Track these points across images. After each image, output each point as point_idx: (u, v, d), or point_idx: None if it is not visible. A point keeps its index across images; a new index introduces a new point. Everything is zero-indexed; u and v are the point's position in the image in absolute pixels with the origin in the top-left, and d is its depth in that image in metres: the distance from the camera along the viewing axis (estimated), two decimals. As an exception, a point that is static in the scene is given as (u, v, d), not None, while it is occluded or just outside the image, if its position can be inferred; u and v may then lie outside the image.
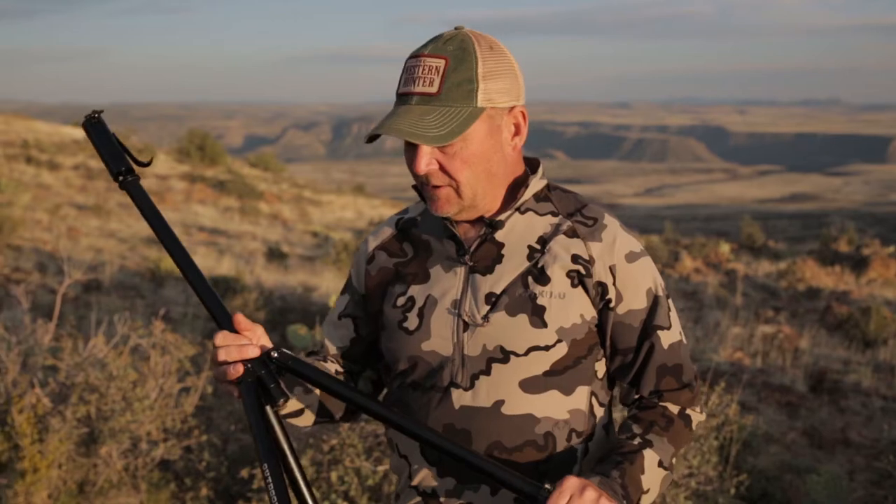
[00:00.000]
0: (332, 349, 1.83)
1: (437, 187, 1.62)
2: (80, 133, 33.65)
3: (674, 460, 1.63)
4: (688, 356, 1.70)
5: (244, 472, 4.25)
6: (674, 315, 1.68)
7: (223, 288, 11.40)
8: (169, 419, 4.55)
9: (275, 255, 15.74)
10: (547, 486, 1.49)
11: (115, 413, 4.34)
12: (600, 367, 1.68)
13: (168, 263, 12.83)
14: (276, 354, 1.61)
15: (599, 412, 1.68)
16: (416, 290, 1.69)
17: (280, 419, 1.62)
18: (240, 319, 1.62)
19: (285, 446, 1.60)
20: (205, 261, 14.71)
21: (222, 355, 1.58)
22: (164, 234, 1.67)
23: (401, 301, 1.71)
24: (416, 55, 1.60)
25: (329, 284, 12.56)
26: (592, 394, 1.66)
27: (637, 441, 1.60)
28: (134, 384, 4.46)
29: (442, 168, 1.60)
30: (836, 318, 12.66)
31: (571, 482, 1.46)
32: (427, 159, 1.59)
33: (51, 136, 31.30)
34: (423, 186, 1.65)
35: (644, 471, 1.56)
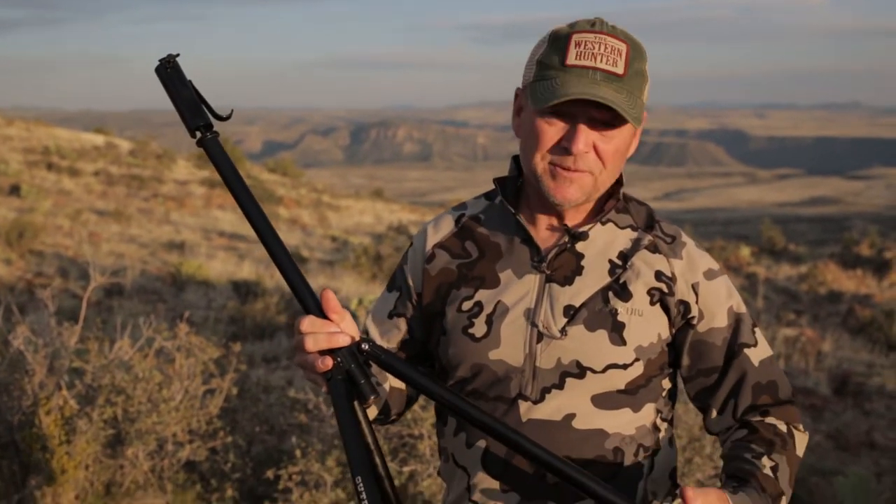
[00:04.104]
0: None
1: (576, 171, 1.51)
2: (99, 139, 33.95)
3: (792, 481, 1.54)
4: (781, 372, 1.62)
5: (269, 473, 4.26)
6: (759, 332, 1.61)
7: (244, 292, 11.45)
8: (194, 420, 4.57)
9: (294, 259, 15.79)
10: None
11: (141, 414, 4.36)
12: (666, 385, 1.62)
13: (189, 268, 12.90)
14: (366, 347, 1.46)
15: (663, 427, 1.62)
16: (484, 295, 1.59)
17: (367, 418, 1.48)
18: (329, 298, 1.45)
19: (374, 452, 1.46)
20: (225, 266, 14.77)
21: (310, 343, 1.44)
22: (244, 199, 1.48)
23: (466, 305, 1.60)
24: (589, 31, 1.49)
25: (349, 288, 12.57)
26: (658, 411, 1.61)
27: (770, 467, 1.49)
28: (159, 386, 4.49)
29: (595, 152, 1.51)
30: (859, 321, 12.57)
31: None
32: (588, 138, 1.49)
33: (71, 142, 31.55)
34: (552, 167, 1.52)
35: None
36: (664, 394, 1.62)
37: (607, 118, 1.49)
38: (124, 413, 4.38)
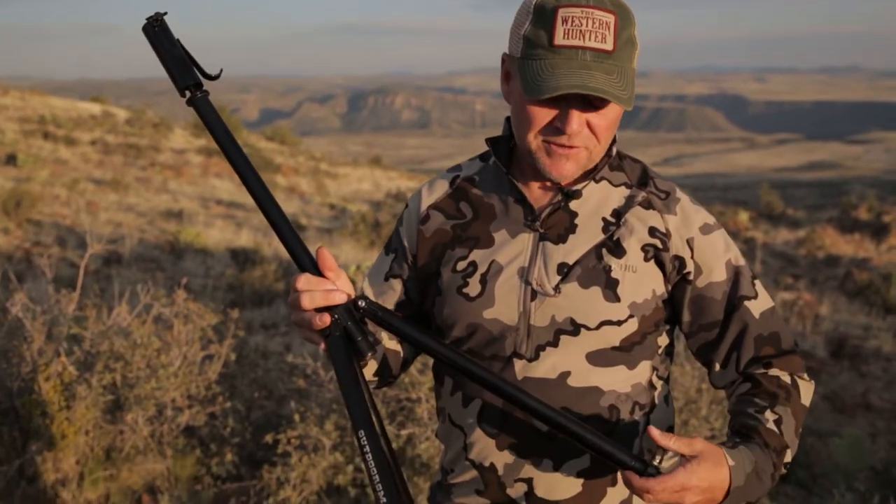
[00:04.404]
0: None
1: (570, 147, 1.51)
2: (96, 108, 33.79)
3: (796, 445, 1.53)
4: (783, 322, 1.61)
5: (268, 438, 4.29)
6: (759, 284, 1.61)
7: (242, 259, 11.46)
8: (193, 386, 4.59)
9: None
10: (656, 463, 1.41)
11: (140, 380, 4.38)
12: (662, 342, 1.62)
13: (187, 236, 12.90)
14: (363, 304, 1.46)
15: (659, 385, 1.63)
16: (478, 255, 1.60)
17: (364, 378, 1.48)
18: (325, 256, 1.46)
19: (370, 408, 1.46)
20: (223, 234, 14.77)
21: (306, 301, 1.43)
22: (236, 158, 1.47)
23: (461, 265, 1.61)
24: (575, 4, 1.45)
25: (347, 256, 12.58)
26: (654, 368, 1.61)
27: (773, 421, 1.50)
28: (158, 352, 4.50)
29: (588, 127, 1.50)
30: (857, 284, 12.59)
31: (694, 483, 1.38)
32: (580, 118, 1.48)
33: (67, 111, 31.40)
34: (546, 145, 1.51)
35: (785, 466, 1.50)
36: (660, 351, 1.62)
37: (599, 98, 1.48)
38: (123, 379, 4.40)
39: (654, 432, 1.41)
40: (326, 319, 1.43)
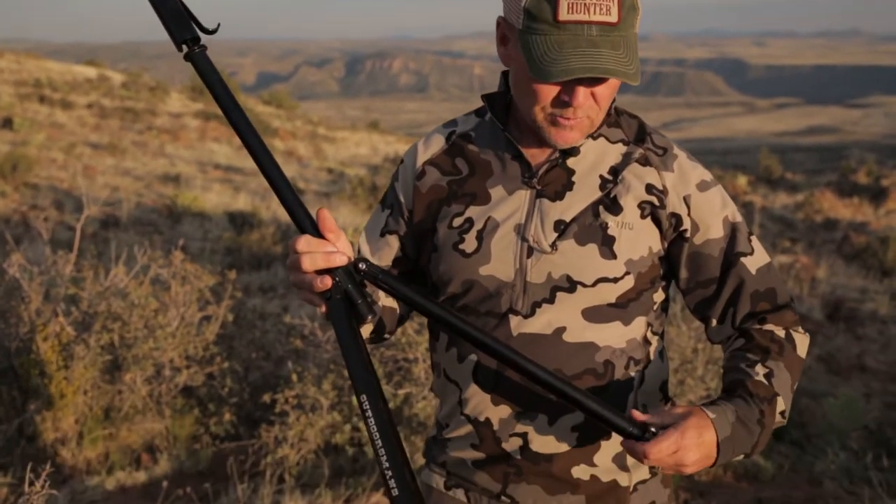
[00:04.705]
0: None
1: (576, 118, 1.50)
2: (91, 72, 33.58)
3: (794, 389, 1.54)
4: (779, 278, 1.61)
5: (266, 398, 4.32)
6: (755, 240, 1.61)
7: (240, 223, 11.46)
8: (191, 347, 4.61)
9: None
10: (653, 429, 1.42)
11: (137, 340, 4.40)
12: (657, 298, 1.62)
13: (185, 200, 12.88)
14: (363, 266, 1.45)
15: (653, 340, 1.63)
16: (474, 212, 1.59)
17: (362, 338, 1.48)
18: (326, 217, 1.44)
19: (370, 371, 1.45)
20: (220, 198, 14.75)
21: (307, 263, 1.42)
22: (234, 114, 1.45)
23: (457, 222, 1.60)
24: None
25: (345, 220, 12.57)
26: (648, 324, 1.61)
27: (763, 373, 1.51)
28: (155, 313, 4.51)
29: (592, 97, 1.49)
30: (854, 247, 12.61)
31: (688, 441, 1.40)
32: (587, 92, 1.47)
33: (63, 75, 31.20)
34: (552, 117, 1.50)
35: (774, 422, 1.51)
36: (655, 307, 1.62)
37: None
38: (121, 339, 4.42)
39: (637, 414, 1.44)
40: (328, 282, 1.43)
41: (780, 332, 1.58)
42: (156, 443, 4.47)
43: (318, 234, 1.45)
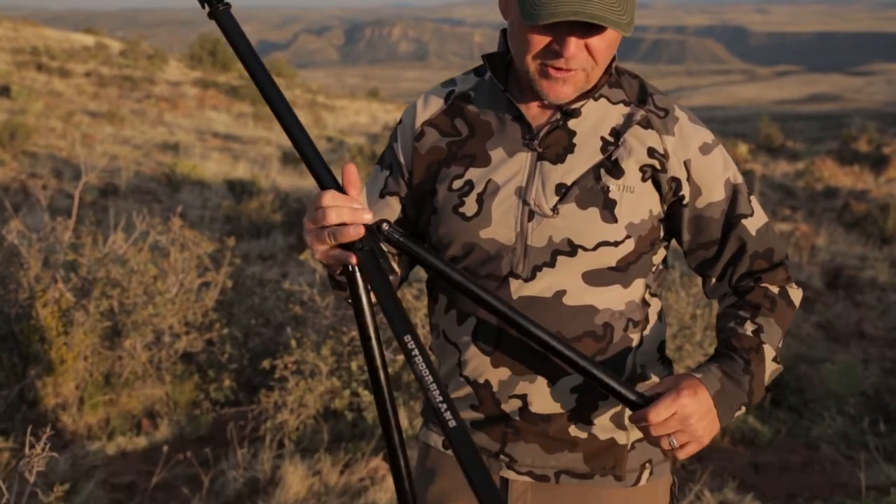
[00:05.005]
0: None
1: (568, 70, 1.48)
2: (89, 40, 33.37)
3: (780, 345, 1.56)
4: (776, 236, 1.62)
5: (266, 363, 4.33)
6: (754, 200, 1.61)
7: (239, 191, 11.44)
8: (190, 313, 4.62)
9: (290, 159, 15.71)
10: (648, 395, 1.43)
11: (137, 307, 4.41)
12: (657, 259, 1.62)
13: (184, 168, 12.85)
14: (386, 227, 1.46)
15: (652, 301, 1.63)
16: (474, 174, 1.57)
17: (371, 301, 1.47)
18: (351, 173, 1.43)
19: (374, 338, 1.45)
20: (220, 166, 14.71)
21: (333, 216, 1.39)
22: (258, 74, 1.45)
23: (457, 184, 1.58)
24: None
25: (344, 187, 12.54)
26: (647, 286, 1.61)
27: (751, 329, 1.53)
28: (154, 279, 4.52)
29: (587, 49, 1.46)
30: (854, 215, 12.60)
31: (685, 400, 1.42)
32: (578, 42, 1.45)
33: (61, 42, 31.02)
34: (543, 67, 1.49)
35: (765, 371, 1.52)
36: (654, 268, 1.62)
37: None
38: (120, 305, 4.43)
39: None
40: (361, 230, 1.40)
41: (774, 289, 1.59)
42: (156, 408, 4.49)
43: (342, 190, 1.42)
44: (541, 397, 1.58)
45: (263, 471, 3.87)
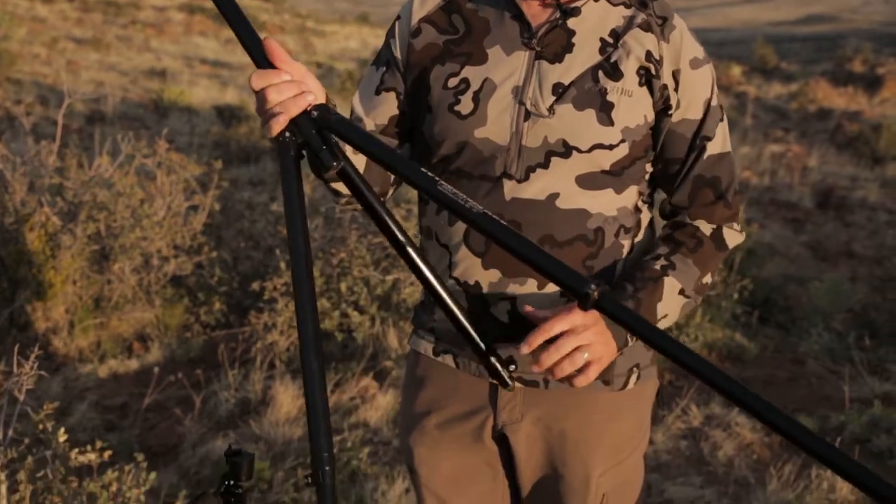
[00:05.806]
0: (371, 125, 1.64)
1: None
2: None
3: (705, 281, 1.58)
4: (731, 170, 1.60)
5: (255, 286, 4.34)
6: (723, 126, 1.59)
7: (228, 117, 11.32)
8: (178, 236, 4.60)
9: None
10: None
11: (124, 230, 4.39)
12: (649, 168, 1.61)
13: (171, 94, 12.69)
14: (315, 113, 1.31)
15: (644, 209, 1.63)
16: (470, 72, 1.55)
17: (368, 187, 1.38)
18: (273, 47, 1.31)
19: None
20: (208, 92, 14.52)
21: (273, 95, 1.29)
22: None
23: (452, 82, 1.56)
24: None
25: (334, 113, 12.43)
26: (640, 193, 1.60)
27: (659, 265, 1.55)
28: (141, 202, 4.49)
29: None
30: (846, 136, 12.56)
31: (575, 317, 1.44)
32: None
33: (43, -33, 30.35)
34: None
35: (662, 298, 1.52)
36: (646, 176, 1.62)
37: None
38: (107, 229, 4.41)
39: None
40: (303, 101, 1.29)
41: (707, 229, 1.59)
42: (147, 332, 4.51)
43: (270, 65, 1.31)
44: (530, 300, 1.57)
45: (254, 391, 3.90)
